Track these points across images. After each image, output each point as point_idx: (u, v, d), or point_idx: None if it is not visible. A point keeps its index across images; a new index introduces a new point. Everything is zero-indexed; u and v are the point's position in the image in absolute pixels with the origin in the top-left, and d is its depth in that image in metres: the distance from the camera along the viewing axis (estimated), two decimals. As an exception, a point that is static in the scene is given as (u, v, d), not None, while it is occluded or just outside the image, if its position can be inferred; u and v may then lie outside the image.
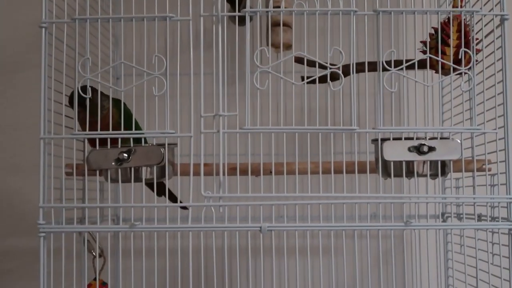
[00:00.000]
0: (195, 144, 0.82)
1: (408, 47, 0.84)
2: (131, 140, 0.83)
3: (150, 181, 0.85)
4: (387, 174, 0.85)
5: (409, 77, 0.83)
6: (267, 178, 0.84)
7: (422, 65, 0.84)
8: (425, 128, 0.84)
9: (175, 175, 0.85)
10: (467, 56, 0.84)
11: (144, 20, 0.84)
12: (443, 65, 0.84)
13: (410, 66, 0.82)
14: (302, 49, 0.83)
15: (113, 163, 0.83)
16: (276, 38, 0.88)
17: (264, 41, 0.92)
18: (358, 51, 0.83)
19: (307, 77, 0.84)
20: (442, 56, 0.84)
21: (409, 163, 0.84)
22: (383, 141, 0.83)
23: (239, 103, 0.82)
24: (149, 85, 0.82)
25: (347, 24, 0.82)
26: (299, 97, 0.83)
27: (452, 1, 0.87)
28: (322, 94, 0.82)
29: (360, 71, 0.85)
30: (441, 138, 0.85)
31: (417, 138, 0.83)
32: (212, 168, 0.81)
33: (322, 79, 0.82)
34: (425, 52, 0.85)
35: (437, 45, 0.85)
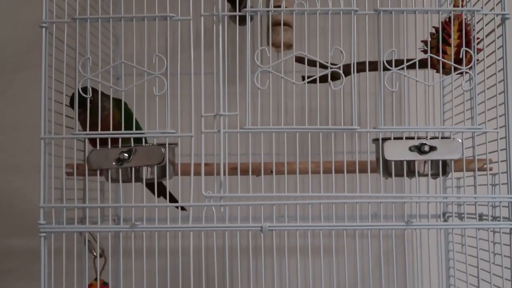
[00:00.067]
0: (196, 144, 0.82)
1: (409, 47, 0.83)
2: (132, 140, 0.83)
3: (151, 181, 0.85)
4: (388, 174, 0.85)
5: (410, 77, 0.83)
6: (268, 178, 0.84)
7: (423, 65, 0.84)
8: (426, 128, 0.84)
9: (176, 175, 0.85)
10: (468, 56, 0.84)
11: (145, 20, 0.84)
12: (444, 65, 0.84)
13: (411, 66, 0.82)
14: (303, 49, 0.82)
15: (114, 163, 0.83)
16: (277, 38, 0.88)
17: (265, 41, 0.92)
18: (359, 51, 0.83)
19: (308, 77, 0.83)
20: (443, 56, 0.84)
21: (410, 163, 0.84)
22: (384, 141, 0.83)
23: (240, 103, 0.81)
24: (150, 85, 0.82)
25: (348, 24, 0.82)
26: (300, 97, 0.83)
27: (453, 1, 0.87)
28: (323, 94, 0.82)
29: (361, 71, 0.85)
30: (442, 138, 0.85)
31: (418, 138, 0.83)
32: (213, 168, 0.81)
33: (323, 79, 0.82)
34: (426, 52, 0.85)
35: (438, 45, 0.85)
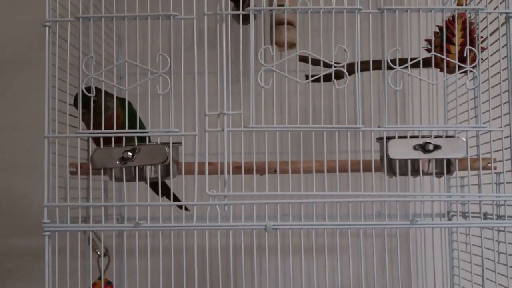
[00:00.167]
0: (200, 143, 0.82)
1: (413, 46, 0.83)
2: (136, 139, 0.83)
3: (155, 180, 0.85)
4: (392, 173, 0.85)
5: (414, 76, 0.83)
6: (272, 177, 0.84)
7: (427, 64, 0.83)
8: (430, 127, 0.84)
9: (180, 174, 0.85)
10: (472, 54, 0.83)
11: (148, 19, 0.83)
12: (448, 64, 0.84)
13: (415, 65, 0.82)
14: (306, 48, 0.82)
15: (118, 162, 0.83)
16: (280, 37, 0.88)
17: (268, 40, 0.92)
18: (363, 50, 0.83)
19: (312, 76, 0.83)
20: (447, 54, 0.84)
21: (414, 162, 0.84)
22: (388, 140, 0.83)
23: (244, 102, 0.81)
24: (153, 84, 0.82)
25: (352, 23, 0.81)
26: (304, 96, 0.83)
27: (457, -1, 0.87)
28: (327, 93, 0.82)
29: (365, 70, 0.84)
30: (447, 137, 0.84)
31: (422, 137, 0.83)
32: (217, 167, 0.81)
33: (327, 78, 0.82)
34: (430, 51, 0.85)
35: (442, 43, 0.85)
